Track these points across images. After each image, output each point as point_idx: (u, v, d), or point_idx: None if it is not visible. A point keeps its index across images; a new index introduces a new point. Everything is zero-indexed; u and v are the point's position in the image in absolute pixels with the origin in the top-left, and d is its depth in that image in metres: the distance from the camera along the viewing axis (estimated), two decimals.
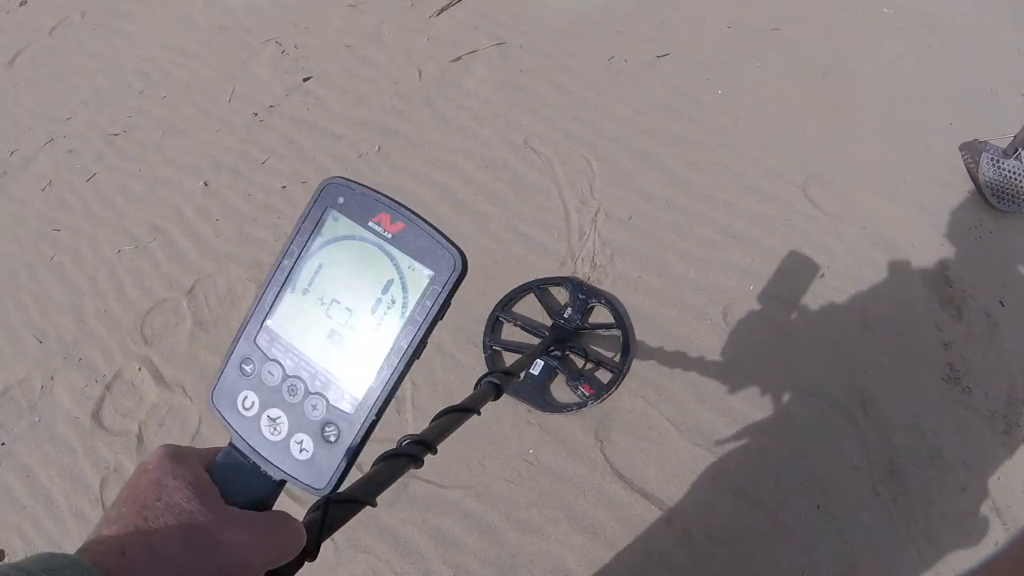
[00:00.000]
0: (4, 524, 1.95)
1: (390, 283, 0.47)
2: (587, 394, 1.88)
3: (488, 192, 2.28)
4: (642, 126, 2.37)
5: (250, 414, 0.50)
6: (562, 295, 2.08)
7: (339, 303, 0.49)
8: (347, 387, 0.48)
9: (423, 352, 0.47)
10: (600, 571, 1.69)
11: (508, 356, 2.00)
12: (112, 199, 2.52)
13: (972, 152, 2.23)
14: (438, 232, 0.47)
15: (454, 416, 0.99)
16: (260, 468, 0.50)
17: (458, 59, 2.65)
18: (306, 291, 0.49)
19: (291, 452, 0.49)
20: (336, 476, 0.48)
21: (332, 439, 0.48)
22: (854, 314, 1.98)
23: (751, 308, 1.99)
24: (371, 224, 0.48)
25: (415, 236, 0.47)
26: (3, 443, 2.06)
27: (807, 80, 2.46)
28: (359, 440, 0.48)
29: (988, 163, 2.15)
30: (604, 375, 1.93)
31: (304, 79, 2.70)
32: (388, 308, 0.47)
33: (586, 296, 2.02)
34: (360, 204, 0.48)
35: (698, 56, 2.54)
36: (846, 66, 2.49)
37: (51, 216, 2.53)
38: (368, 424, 0.48)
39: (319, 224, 0.49)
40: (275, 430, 0.49)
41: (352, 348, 0.48)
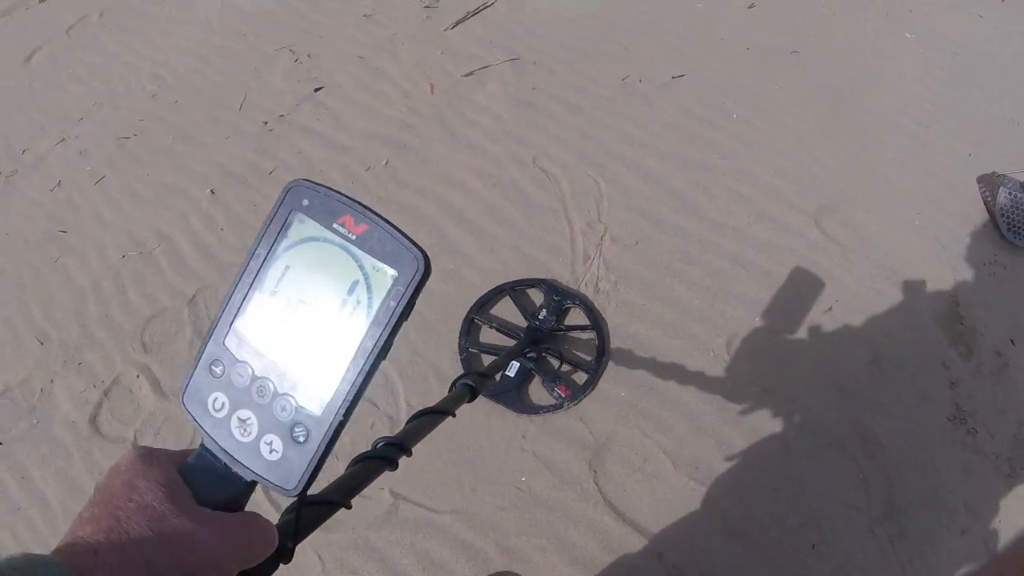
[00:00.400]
0: None
1: (355, 284, 0.48)
2: (563, 395, 1.89)
3: (495, 211, 2.25)
4: (654, 148, 2.34)
5: (220, 415, 0.51)
6: (537, 297, 2.08)
7: (306, 304, 0.49)
8: (315, 388, 0.48)
9: (389, 352, 0.48)
10: None
11: (485, 358, 2.00)
12: (120, 203, 2.52)
13: (990, 185, 2.18)
14: (401, 233, 0.47)
15: (428, 418, 1.00)
16: (231, 469, 0.50)
17: (471, 74, 2.63)
18: (274, 292, 0.50)
19: (261, 453, 0.49)
20: (305, 476, 0.48)
21: (301, 439, 0.48)
22: (861, 350, 1.94)
23: (755, 340, 1.95)
24: (335, 226, 0.48)
25: (379, 237, 0.47)
26: (1, 443, 2.07)
27: (824, 105, 2.42)
28: (328, 441, 0.48)
29: (1005, 197, 2.11)
30: (581, 377, 1.94)
31: (315, 89, 2.69)
32: (354, 309, 0.48)
33: (561, 298, 2.03)
34: (324, 206, 0.49)
35: (714, 78, 2.51)
36: (865, 92, 2.45)
37: (59, 217, 2.53)
38: (336, 425, 0.48)
39: (285, 226, 0.50)
40: (245, 431, 0.50)
41: (319, 349, 0.48)
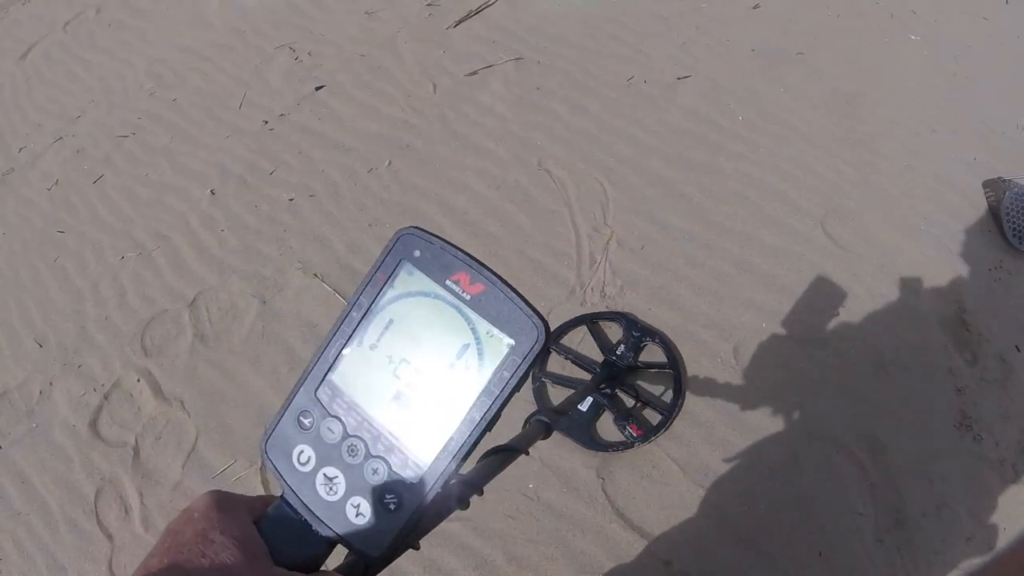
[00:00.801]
0: None
1: (466, 347, 0.45)
2: (635, 435, 1.81)
3: (499, 214, 2.23)
4: (660, 151, 2.32)
5: (305, 470, 0.48)
6: (615, 331, 2.01)
7: (409, 363, 0.46)
8: (412, 454, 0.46)
9: (495, 426, 0.44)
10: None
11: (553, 389, 1.95)
12: (118, 203, 2.49)
13: (995, 190, 2.18)
14: (521, 298, 0.44)
15: (502, 456, 0.96)
16: (312, 527, 0.48)
17: (474, 73, 2.61)
18: (374, 347, 0.47)
19: (346, 514, 0.47)
20: (392, 545, 0.46)
21: (392, 507, 0.45)
22: (867, 356, 1.93)
23: (763, 346, 1.94)
24: (449, 283, 0.45)
25: (495, 300, 0.44)
26: (0, 447, 2.05)
27: (830, 108, 2.40)
28: (420, 511, 0.45)
29: (1011, 202, 2.10)
30: (652, 415, 1.87)
31: (316, 88, 2.66)
32: (462, 375, 0.44)
33: (640, 334, 1.95)
34: (438, 259, 0.46)
35: (720, 79, 2.49)
36: (870, 94, 2.44)
37: (56, 217, 2.50)
38: (432, 496, 0.45)
39: (392, 276, 0.47)
40: (331, 490, 0.47)
41: (420, 414, 0.46)
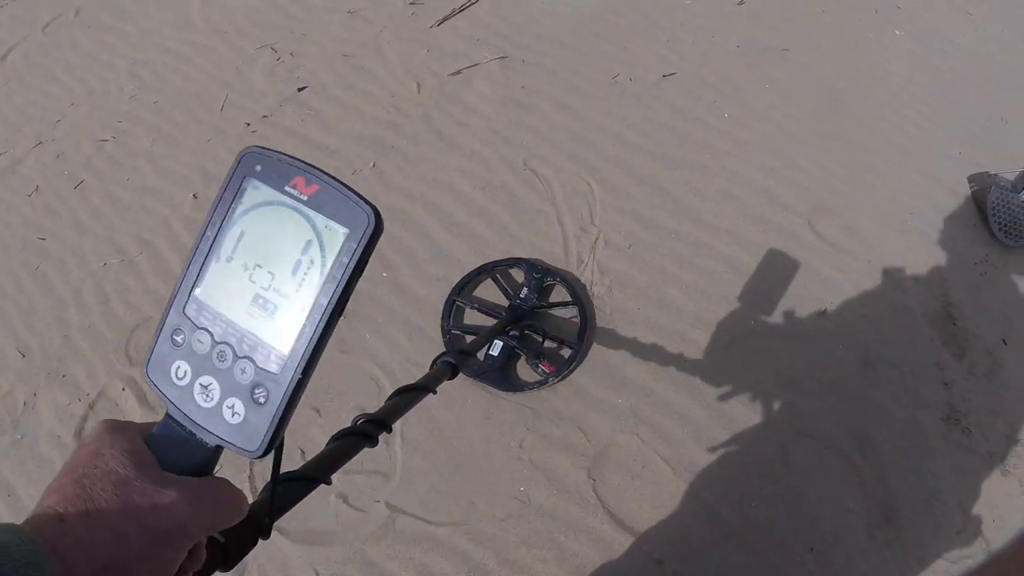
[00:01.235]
0: None
1: (309, 244, 0.48)
2: (547, 371, 1.89)
3: (485, 215, 2.22)
4: (646, 149, 2.32)
5: (183, 383, 0.51)
6: (519, 277, 2.08)
7: (261, 267, 0.50)
8: (273, 348, 0.49)
9: (344, 310, 0.49)
10: None
11: (469, 340, 1.97)
12: (99, 208, 2.46)
13: (980, 185, 2.19)
14: (351, 191, 0.48)
15: (409, 395, 1.01)
16: (196, 435, 0.51)
17: (458, 72, 2.58)
18: (230, 259, 0.50)
19: (224, 417, 0.50)
20: (267, 437, 0.49)
21: (262, 400, 0.49)
22: (855, 352, 1.94)
23: (751, 344, 1.94)
24: (287, 188, 0.49)
25: (329, 196, 0.48)
26: None
27: (816, 104, 2.40)
28: (287, 400, 0.48)
29: (996, 197, 2.11)
30: (567, 354, 1.94)
31: (299, 89, 2.63)
32: (308, 268, 0.48)
33: (541, 275, 2.03)
34: (276, 170, 0.49)
35: (705, 76, 2.48)
36: (855, 90, 2.44)
37: (37, 223, 2.47)
38: (295, 383, 0.48)
39: (239, 193, 0.50)
40: (207, 397, 0.50)
41: (276, 310, 0.49)
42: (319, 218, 0.48)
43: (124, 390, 2.04)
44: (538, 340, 1.98)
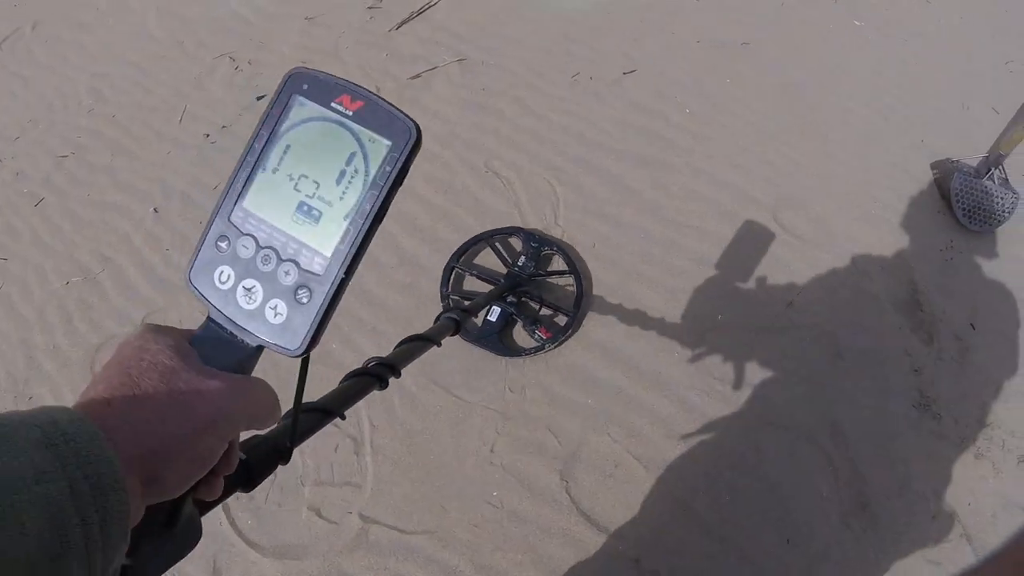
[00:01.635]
0: None
1: (352, 155, 0.51)
2: (544, 337, 1.94)
3: (449, 218, 2.20)
4: (609, 147, 2.31)
5: (226, 287, 0.53)
6: (517, 245, 2.12)
7: (307, 177, 0.52)
8: (317, 251, 0.51)
9: (384, 217, 0.51)
10: None
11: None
12: (60, 226, 2.42)
13: (944, 171, 2.20)
14: (394, 107, 0.50)
15: (416, 344, 1.06)
16: (237, 337, 0.53)
17: (417, 76, 2.56)
18: (276, 170, 0.52)
19: (266, 318, 0.52)
20: (309, 335, 0.51)
21: (304, 300, 0.51)
22: (824, 342, 1.95)
23: (720, 339, 1.94)
24: (333, 104, 0.51)
25: (374, 111, 0.51)
26: None
27: (778, 97, 2.41)
28: (330, 299, 0.51)
29: (959, 183, 2.13)
30: (563, 321, 2.00)
31: (258, 97, 2.60)
32: (352, 177, 0.51)
33: (539, 244, 2.07)
34: (323, 88, 0.51)
35: (667, 72, 2.48)
36: (816, 81, 2.45)
37: None
38: (338, 282, 0.51)
39: (286, 109, 0.52)
40: (250, 299, 0.52)
41: (320, 216, 0.52)
42: (363, 131, 0.51)
43: None
44: (535, 307, 2.02)
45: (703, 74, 2.47)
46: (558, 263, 2.08)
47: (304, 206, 0.52)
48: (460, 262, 2.09)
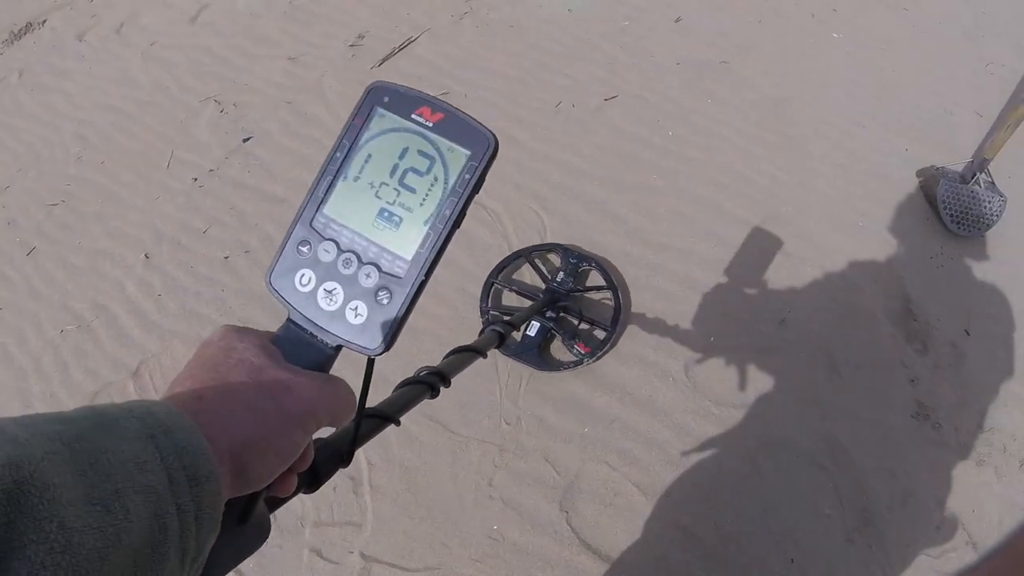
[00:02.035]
0: None
1: (432, 164, 0.54)
2: (583, 352, 1.95)
3: None
4: (592, 174, 2.32)
5: (307, 289, 0.55)
6: (556, 261, 2.15)
7: (388, 185, 0.54)
8: (397, 255, 0.54)
9: (462, 223, 0.54)
10: None
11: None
12: (53, 274, 2.43)
13: (929, 178, 2.21)
14: (472, 119, 0.53)
15: (464, 355, 1.10)
16: (317, 337, 0.55)
17: None
18: (357, 178, 0.55)
19: (347, 319, 0.54)
20: (389, 335, 0.53)
21: (385, 302, 0.53)
22: (818, 358, 1.94)
23: (713, 361, 1.94)
24: (414, 116, 0.54)
25: (453, 123, 0.53)
26: None
27: (759, 114, 2.42)
28: (410, 300, 0.53)
29: (946, 189, 2.13)
30: (600, 335, 2.01)
31: (244, 140, 2.62)
32: (431, 185, 0.53)
33: (577, 260, 2.09)
34: (403, 100, 0.55)
35: (647, 96, 2.49)
36: (798, 97, 2.46)
37: None
38: (418, 284, 0.53)
39: (367, 120, 0.55)
40: (331, 301, 0.54)
41: (401, 222, 0.54)
42: (443, 141, 0.53)
43: None
44: (573, 322, 2.04)
45: (684, 95, 2.48)
46: (596, 279, 2.10)
47: (385, 212, 0.54)
48: (499, 277, 2.12)
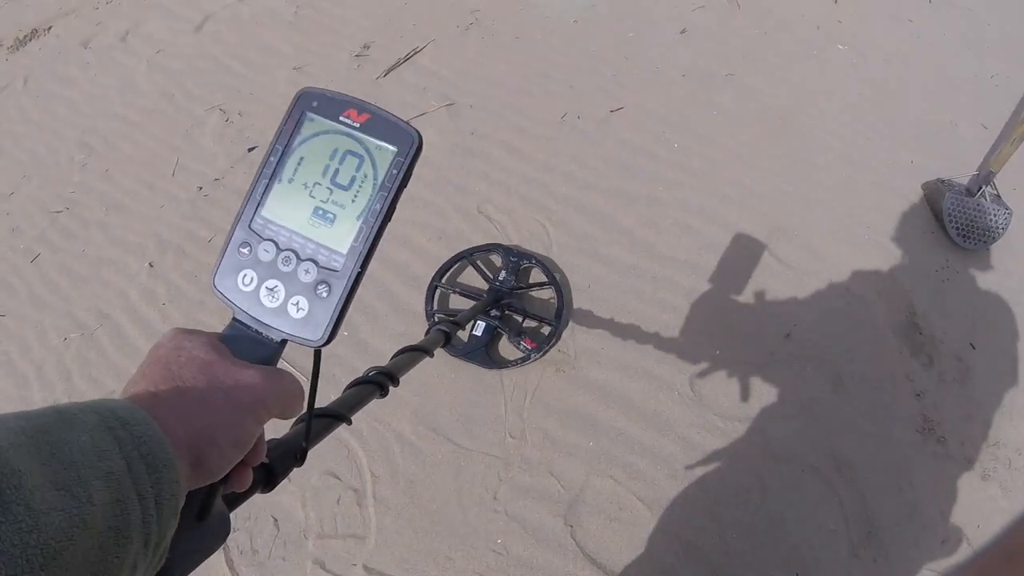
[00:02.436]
0: None
1: (361, 162, 0.57)
2: (529, 347, 1.99)
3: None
4: (598, 186, 2.32)
5: (249, 289, 0.57)
6: (497, 260, 2.18)
7: (320, 185, 0.57)
8: (334, 250, 0.56)
9: (392, 216, 0.57)
10: None
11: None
12: (56, 282, 2.42)
13: (934, 191, 2.20)
14: (396, 117, 0.56)
15: (411, 354, 1.14)
16: (262, 333, 0.57)
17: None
18: (291, 180, 0.58)
19: (289, 314, 0.57)
20: (330, 327, 0.56)
21: (324, 295, 0.56)
22: (823, 371, 1.94)
23: (718, 374, 1.94)
24: (342, 118, 0.57)
25: (379, 122, 0.56)
26: None
27: (764, 126, 2.42)
28: (347, 291, 0.56)
29: (951, 202, 2.13)
30: (545, 331, 2.07)
31: (249, 149, 2.62)
32: (362, 182, 0.56)
33: (518, 258, 2.13)
34: (331, 104, 0.57)
35: (652, 108, 2.49)
36: (802, 108, 2.46)
37: None
38: (355, 276, 0.56)
39: (298, 125, 0.58)
40: (273, 298, 0.57)
41: (335, 219, 0.57)
42: (370, 140, 0.56)
43: None
44: (518, 320, 2.08)
45: (689, 107, 2.48)
46: (537, 276, 2.13)
47: (320, 210, 0.57)
48: (443, 281, 2.14)
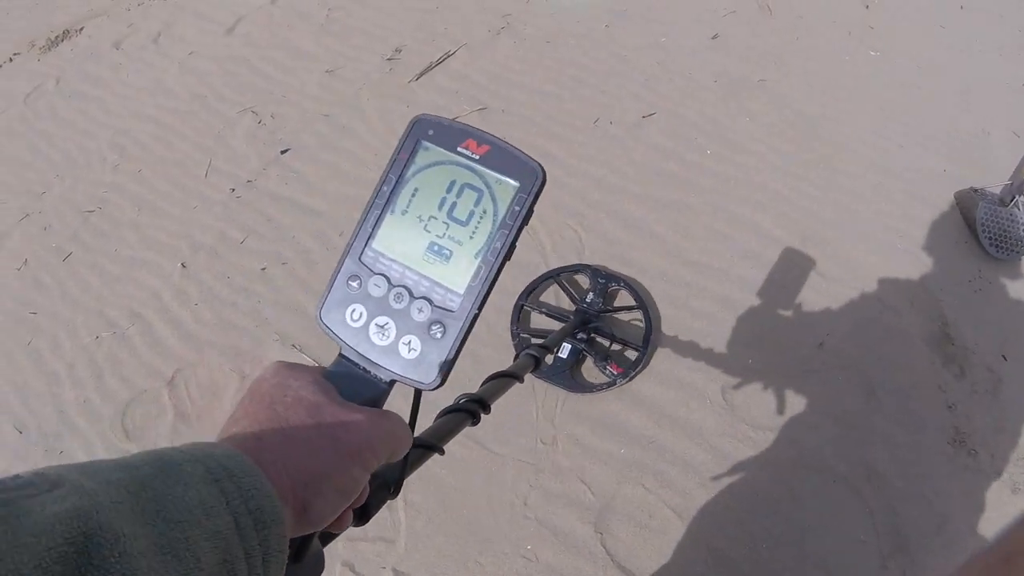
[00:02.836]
0: None
1: (480, 196, 0.54)
2: (615, 372, 1.94)
3: None
4: (630, 192, 2.31)
5: (358, 325, 0.55)
6: (584, 282, 2.13)
7: (436, 219, 0.55)
8: (449, 289, 0.54)
9: (512, 255, 0.54)
10: None
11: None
12: (88, 281, 2.45)
13: (967, 200, 2.18)
14: (519, 150, 0.53)
15: (502, 380, 1.11)
16: (370, 372, 0.55)
17: None
18: (405, 212, 0.55)
19: (400, 354, 0.54)
20: (443, 369, 0.53)
21: (438, 336, 0.53)
22: (856, 381, 1.93)
23: (750, 383, 1.93)
24: (460, 149, 0.54)
25: (500, 155, 0.53)
26: None
27: (796, 133, 2.41)
28: (463, 334, 0.53)
29: (984, 212, 2.11)
30: (632, 355, 2.00)
31: (282, 151, 2.64)
32: (481, 218, 0.53)
33: (606, 280, 2.08)
34: (448, 133, 0.55)
35: (685, 113, 2.49)
36: (834, 115, 2.44)
37: (27, 298, 2.46)
38: (471, 318, 0.53)
39: (412, 154, 0.56)
40: (383, 336, 0.54)
41: (451, 256, 0.54)
42: (490, 174, 0.53)
43: None
44: (604, 343, 2.03)
45: (721, 113, 2.47)
46: (625, 299, 2.09)
47: (435, 246, 0.54)
48: (528, 300, 2.11)
